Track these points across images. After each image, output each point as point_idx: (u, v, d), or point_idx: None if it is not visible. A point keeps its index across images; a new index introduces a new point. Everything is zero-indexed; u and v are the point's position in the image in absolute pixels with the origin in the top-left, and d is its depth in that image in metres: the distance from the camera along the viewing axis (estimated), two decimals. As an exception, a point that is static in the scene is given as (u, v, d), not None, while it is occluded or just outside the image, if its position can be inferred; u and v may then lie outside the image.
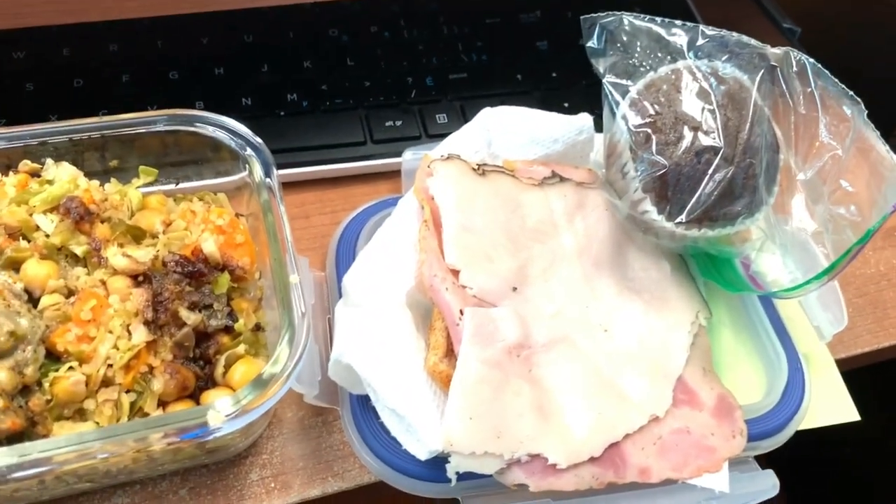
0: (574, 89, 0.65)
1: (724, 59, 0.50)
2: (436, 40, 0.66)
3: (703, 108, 0.47)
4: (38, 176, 0.47)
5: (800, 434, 0.50)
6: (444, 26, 0.67)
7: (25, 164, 0.47)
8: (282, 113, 0.60)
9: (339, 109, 0.60)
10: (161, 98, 0.59)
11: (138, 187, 0.49)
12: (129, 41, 0.62)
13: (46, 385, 0.39)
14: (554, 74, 0.65)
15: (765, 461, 0.49)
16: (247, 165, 0.47)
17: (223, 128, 0.47)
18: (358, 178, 0.60)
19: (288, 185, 0.58)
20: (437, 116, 0.62)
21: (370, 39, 0.65)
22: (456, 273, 0.46)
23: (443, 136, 0.55)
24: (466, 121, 0.55)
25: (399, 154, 0.56)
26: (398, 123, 0.61)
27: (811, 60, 0.48)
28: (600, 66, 0.52)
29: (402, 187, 0.56)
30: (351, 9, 0.66)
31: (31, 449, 0.35)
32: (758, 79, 0.48)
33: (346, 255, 0.53)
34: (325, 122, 0.60)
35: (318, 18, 0.66)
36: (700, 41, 0.51)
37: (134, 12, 0.59)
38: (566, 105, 0.63)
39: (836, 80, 0.47)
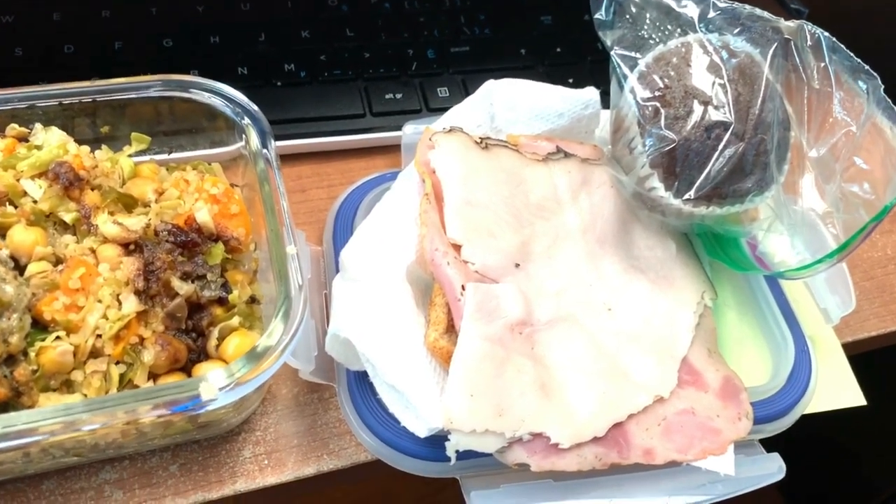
0: (579, 65, 0.63)
1: (735, 32, 0.48)
2: (437, 12, 0.64)
3: (713, 83, 0.46)
4: (27, 140, 0.46)
5: (803, 417, 0.49)
6: (447, -2, 0.65)
7: (13, 128, 0.45)
8: (279, 83, 0.58)
9: (338, 81, 0.59)
10: (154, 66, 0.57)
11: (130, 155, 0.47)
12: (123, 7, 0.60)
13: (32, 355, 0.38)
14: (558, 49, 0.64)
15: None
16: (243, 135, 0.46)
17: (219, 95, 0.46)
18: (356, 152, 0.59)
19: (284, 158, 0.56)
20: (438, 90, 0.60)
21: (370, 10, 0.64)
22: (458, 248, 0.45)
23: (444, 109, 0.53)
24: (468, 95, 0.53)
25: (399, 127, 0.54)
26: (398, 96, 0.59)
27: (826, 34, 0.46)
28: (608, 38, 0.50)
29: (402, 161, 0.55)
30: (351, -22, 0.65)
31: (16, 419, 0.34)
32: (770, 52, 0.47)
33: (343, 230, 0.52)
34: (323, 93, 0.58)
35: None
36: (711, 14, 0.49)
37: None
38: (570, 81, 0.61)
39: (852, 54, 0.46)
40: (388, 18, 0.63)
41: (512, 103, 0.52)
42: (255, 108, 0.46)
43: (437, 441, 0.42)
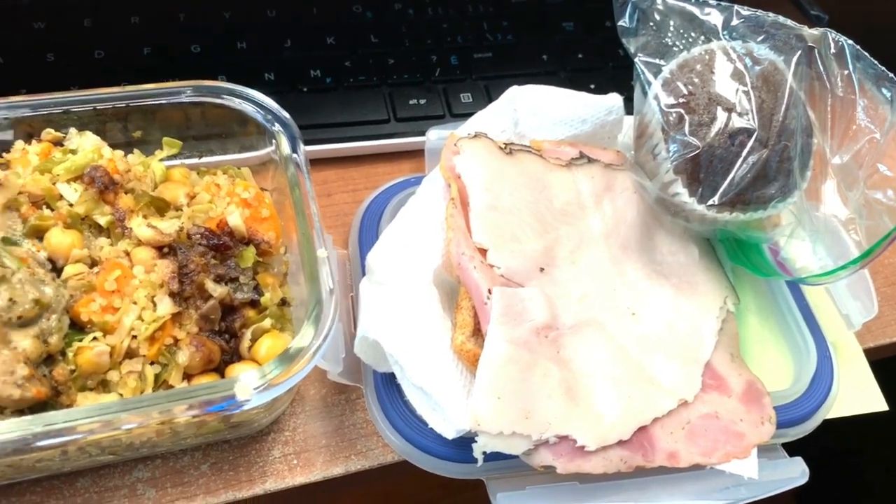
0: (601, 71, 0.64)
1: (759, 39, 0.49)
2: (460, 19, 0.65)
3: (737, 90, 0.47)
4: (61, 145, 0.47)
5: (825, 422, 0.49)
6: (469, 5, 0.66)
7: (48, 133, 0.46)
8: (305, 89, 0.59)
9: (363, 87, 0.60)
10: (183, 71, 0.58)
11: (161, 159, 0.48)
12: (152, 13, 0.61)
13: (70, 355, 0.39)
14: (580, 56, 0.64)
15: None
16: (273, 140, 0.46)
17: (251, 101, 0.47)
18: (380, 157, 0.59)
19: (310, 163, 0.56)
20: (461, 96, 0.61)
21: (394, 16, 0.64)
22: (483, 252, 0.45)
23: (467, 115, 0.54)
24: (491, 101, 0.54)
25: (422, 133, 0.55)
26: (422, 102, 0.60)
27: (850, 42, 0.47)
28: (631, 45, 0.51)
29: (426, 167, 0.56)
30: (375, -15, 0.66)
31: (56, 418, 0.34)
32: (794, 60, 0.47)
33: (369, 233, 0.52)
34: (348, 99, 0.59)
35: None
36: (735, 21, 0.50)
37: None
38: (592, 87, 0.62)
39: (876, 62, 0.46)
40: (412, 25, 0.64)
41: (535, 109, 0.53)
42: (286, 114, 0.47)
43: (463, 443, 0.42)
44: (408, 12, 0.65)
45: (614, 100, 0.53)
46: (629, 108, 0.52)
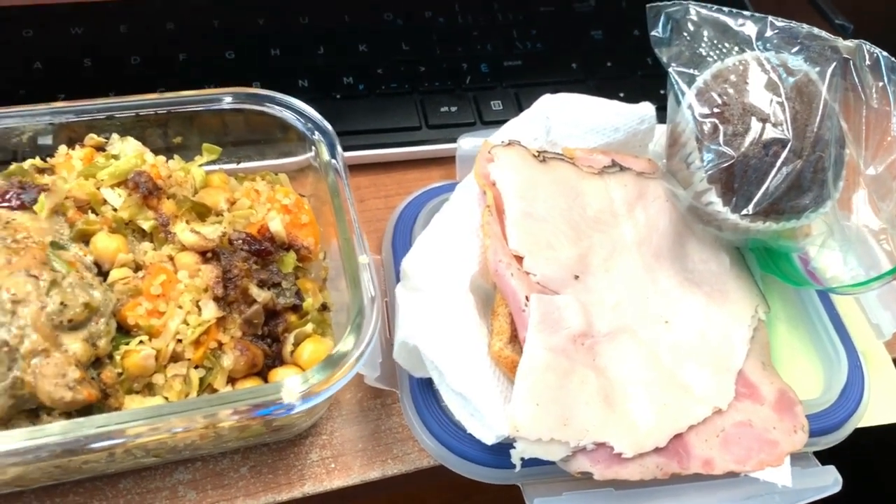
0: (629, 79, 0.64)
1: (793, 51, 0.49)
2: (490, 27, 0.66)
3: (771, 100, 0.47)
4: (103, 150, 0.47)
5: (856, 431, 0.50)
6: (499, 13, 0.67)
7: (91, 138, 0.47)
8: (338, 96, 0.59)
9: (395, 94, 0.60)
10: (218, 77, 0.58)
11: (201, 165, 0.49)
12: (187, 20, 0.62)
13: (118, 358, 0.39)
14: (609, 64, 0.65)
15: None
16: (313, 147, 0.47)
17: (291, 109, 0.47)
18: (411, 163, 0.60)
19: (346, 169, 0.58)
20: (491, 103, 0.61)
21: (425, 24, 0.65)
22: (519, 259, 0.46)
23: (497, 122, 0.54)
24: (521, 108, 0.55)
25: (453, 140, 0.56)
26: (453, 109, 0.60)
27: (885, 54, 0.47)
28: (664, 55, 0.51)
29: (457, 173, 0.56)
30: (405, -7, 0.66)
31: (109, 420, 0.35)
32: (829, 72, 0.48)
33: (402, 239, 0.53)
34: (380, 106, 0.59)
35: (373, 2, 0.65)
36: (769, 32, 0.50)
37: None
38: (621, 95, 0.62)
39: (911, 73, 0.47)
40: (443, 33, 0.65)
41: (568, 117, 0.53)
42: (326, 122, 0.47)
43: (499, 448, 0.43)
44: (438, 20, 0.65)
45: (647, 109, 0.53)
46: (660, 118, 0.53)
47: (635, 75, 0.65)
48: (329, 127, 0.47)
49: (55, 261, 0.39)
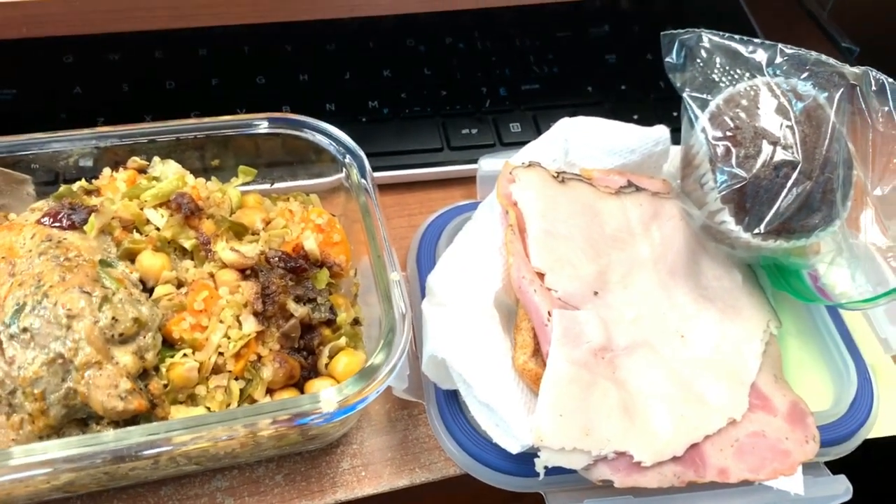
0: (643, 102, 0.67)
1: (802, 77, 0.51)
2: (508, 52, 0.68)
3: (781, 124, 0.49)
4: (145, 172, 0.50)
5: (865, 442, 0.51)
6: (516, 39, 0.69)
7: (134, 161, 0.50)
8: (363, 119, 0.62)
9: (418, 117, 0.63)
10: (249, 101, 0.61)
11: (237, 186, 0.51)
12: (220, 47, 0.64)
13: (163, 370, 0.42)
14: (623, 87, 0.67)
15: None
16: (344, 169, 0.49)
17: (324, 133, 0.50)
18: (434, 183, 0.62)
19: (371, 189, 0.60)
20: (510, 125, 0.64)
21: (446, 50, 0.67)
22: (541, 276, 0.48)
23: (516, 144, 0.57)
24: (539, 130, 0.57)
25: (474, 161, 0.58)
26: (474, 132, 0.63)
27: (890, 80, 0.49)
28: (678, 80, 0.53)
29: (477, 193, 0.58)
30: (427, 20, 0.69)
31: (160, 429, 0.37)
32: (837, 97, 0.50)
33: (426, 256, 0.55)
34: (404, 128, 0.62)
35: (397, 29, 0.68)
36: (778, 59, 0.52)
37: (224, 20, 0.62)
38: (635, 117, 0.65)
39: (916, 99, 0.49)
40: (463, 58, 0.67)
41: (586, 139, 0.55)
42: (356, 146, 0.50)
43: (523, 457, 0.45)
44: (459, 46, 0.68)
45: (661, 131, 0.55)
46: (673, 139, 0.55)
47: (648, 98, 0.67)
48: (360, 151, 0.50)
49: (105, 278, 0.42)
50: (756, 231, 0.49)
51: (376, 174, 0.60)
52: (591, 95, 0.67)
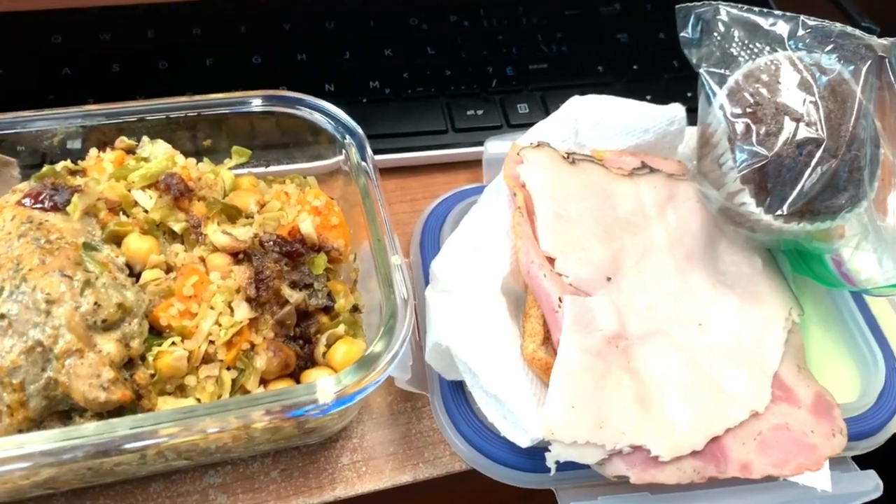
0: (656, 82, 0.64)
1: (826, 50, 0.49)
2: (515, 30, 0.66)
3: (804, 100, 0.46)
4: (134, 153, 0.47)
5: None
6: (524, 17, 0.67)
7: (122, 141, 0.47)
8: (364, 99, 0.59)
9: (421, 97, 0.60)
10: (245, 82, 0.58)
11: (230, 168, 0.49)
12: (215, 25, 0.62)
13: (150, 359, 0.39)
14: (635, 67, 0.65)
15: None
16: (343, 150, 0.47)
17: (321, 111, 0.47)
18: (438, 167, 0.60)
19: (373, 172, 0.57)
20: (518, 106, 0.61)
21: (450, 28, 0.65)
22: (551, 261, 0.45)
23: (524, 126, 0.54)
24: (548, 111, 0.54)
25: (480, 143, 0.56)
26: (479, 113, 0.60)
27: (922, 51, 0.47)
28: (694, 56, 0.51)
29: (484, 176, 0.56)
30: (431, -3, 0.66)
31: (145, 421, 0.35)
32: (864, 70, 0.47)
33: (430, 242, 0.53)
34: (407, 109, 0.59)
35: (399, 6, 0.65)
36: (801, 32, 0.50)
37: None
38: (648, 97, 0.61)
39: (948, 72, 0.46)
40: (468, 36, 0.64)
41: (597, 119, 0.53)
42: (356, 125, 0.47)
43: (533, 451, 0.42)
44: (463, 24, 0.65)
45: (676, 110, 0.53)
46: (688, 120, 0.52)
47: (661, 78, 0.64)
48: (359, 129, 0.47)
49: (88, 261, 0.39)
50: (778, 213, 0.46)
51: (377, 157, 0.57)
52: (602, 75, 0.64)
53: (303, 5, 0.64)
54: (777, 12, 0.50)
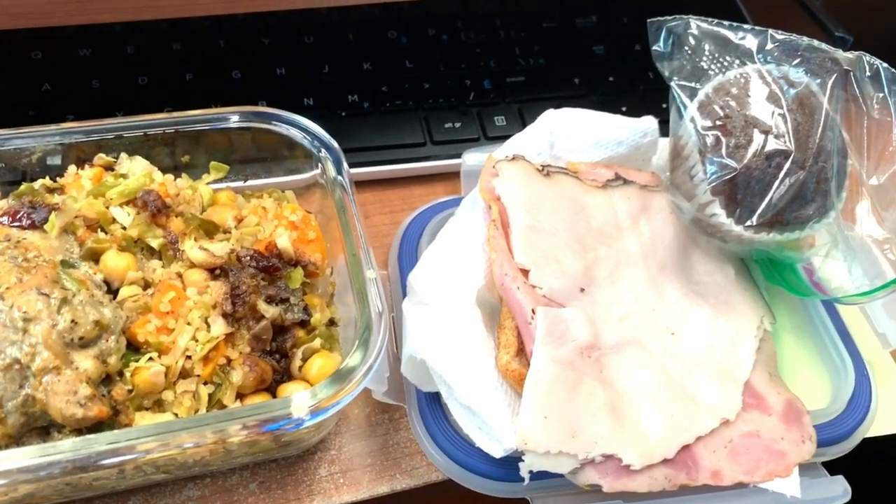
0: (631, 94, 0.65)
1: (794, 63, 0.50)
2: (493, 43, 0.66)
3: (773, 112, 0.47)
4: (112, 170, 0.48)
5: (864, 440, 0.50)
6: (501, 30, 0.67)
7: (101, 158, 0.48)
8: (343, 113, 0.60)
9: (399, 111, 0.61)
10: (224, 97, 0.59)
11: (208, 183, 0.49)
12: (193, 41, 0.62)
13: (128, 375, 0.40)
14: (611, 79, 0.66)
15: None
16: (319, 164, 0.48)
17: (297, 127, 0.48)
18: (416, 179, 0.60)
19: (351, 185, 0.58)
20: (495, 118, 0.62)
21: (428, 42, 0.66)
22: (525, 272, 0.46)
23: (501, 138, 0.55)
24: (525, 123, 0.55)
25: (457, 155, 0.56)
26: (457, 125, 0.61)
27: (885, 65, 0.48)
28: (666, 69, 0.52)
29: (462, 188, 0.57)
30: (409, 11, 0.67)
31: (120, 437, 0.35)
32: (830, 83, 0.48)
33: (408, 254, 0.53)
34: (385, 122, 0.60)
35: (377, 21, 0.66)
36: (769, 45, 0.50)
37: (197, 11, 0.60)
38: (623, 109, 0.63)
39: (911, 84, 0.47)
40: (446, 50, 0.65)
41: (571, 132, 0.54)
42: (332, 139, 0.48)
43: (508, 461, 0.43)
44: (442, 38, 0.66)
45: (649, 122, 0.54)
46: (662, 131, 0.53)
47: (637, 89, 0.65)
48: (335, 144, 0.48)
49: (66, 279, 0.40)
50: (748, 223, 0.47)
51: (356, 170, 0.58)
52: (579, 87, 0.65)
53: (281, 20, 0.64)
54: (746, 26, 0.51)
